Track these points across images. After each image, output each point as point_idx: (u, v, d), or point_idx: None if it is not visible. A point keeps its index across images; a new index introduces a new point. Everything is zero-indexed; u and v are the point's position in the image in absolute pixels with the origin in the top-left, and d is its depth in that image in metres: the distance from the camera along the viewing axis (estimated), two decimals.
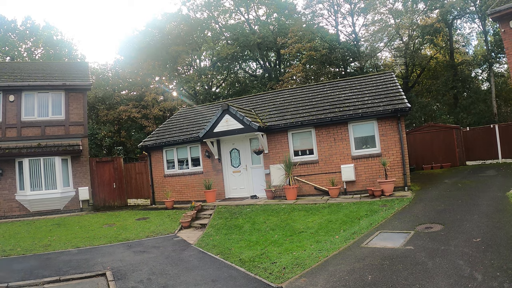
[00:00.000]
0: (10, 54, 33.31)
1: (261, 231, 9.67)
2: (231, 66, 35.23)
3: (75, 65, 22.23)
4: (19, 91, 16.24)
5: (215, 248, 8.79)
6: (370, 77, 16.70)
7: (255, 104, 17.40)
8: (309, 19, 31.54)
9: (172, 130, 17.83)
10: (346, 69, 31.51)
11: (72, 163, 16.82)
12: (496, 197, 9.78)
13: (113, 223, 13.03)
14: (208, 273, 6.89)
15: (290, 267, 6.62)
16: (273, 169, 14.05)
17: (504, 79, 30.57)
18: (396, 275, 5.38)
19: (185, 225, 11.85)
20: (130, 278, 6.96)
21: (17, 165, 15.86)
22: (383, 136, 12.84)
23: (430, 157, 19.64)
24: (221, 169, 15.50)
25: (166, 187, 16.84)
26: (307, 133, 14.01)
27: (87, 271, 7.54)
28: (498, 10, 11.49)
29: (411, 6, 28.75)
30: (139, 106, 29.68)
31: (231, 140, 15.20)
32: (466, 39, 32.21)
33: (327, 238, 8.13)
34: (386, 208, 10.04)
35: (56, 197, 16.01)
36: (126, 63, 32.99)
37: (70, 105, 17.13)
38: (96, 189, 17.89)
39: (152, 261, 8.08)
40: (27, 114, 16.42)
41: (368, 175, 12.95)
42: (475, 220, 7.67)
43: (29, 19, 35.03)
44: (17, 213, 15.60)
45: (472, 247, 6.07)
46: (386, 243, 7.06)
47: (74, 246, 9.94)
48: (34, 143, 16.04)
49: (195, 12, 35.23)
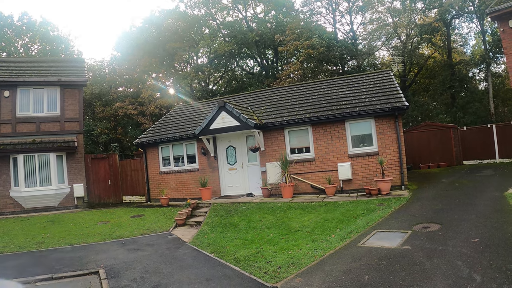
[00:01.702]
0: (7, 49, 33.01)
1: (257, 230, 9.58)
2: (228, 63, 35.13)
3: (72, 61, 21.98)
4: (14, 86, 16.04)
5: (210, 246, 8.69)
6: (368, 75, 16.62)
7: (251, 102, 17.29)
8: (307, 17, 31.49)
9: (168, 127, 17.69)
10: (343, 67, 31.47)
11: (67, 159, 16.65)
12: (494, 197, 9.73)
13: (107, 220, 12.91)
14: (202, 272, 6.79)
15: (286, 266, 6.53)
16: (269, 167, 13.95)
17: (501, 79, 30.61)
18: (393, 276, 5.30)
19: (180, 223, 11.73)
20: (123, 276, 6.86)
21: (11, 162, 15.68)
22: (380, 135, 12.77)
23: (427, 156, 19.60)
24: (217, 167, 15.39)
25: (162, 184, 16.72)
26: (304, 131, 13.92)
27: (80, 269, 7.42)
28: (498, 9, 11.43)
29: (409, 5, 28.76)
30: (135, 103, 29.54)
31: (227, 137, 15.09)
32: (464, 39, 32.29)
33: (323, 237, 8.04)
34: (383, 207, 9.97)
35: (51, 194, 15.84)
36: (123, 60, 32.82)
37: (66, 101, 16.94)
38: (91, 186, 17.73)
39: (146, 259, 7.97)
40: (22, 110, 16.21)
41: (365, 174, 12.88)
42: (473, 220, 7.60)
43: (25, 14, 34.84)
44: (11, 210, 15.44)
45: (470, 248, 6.00)
46: (383, 242, 6.98)
47: (67, 244, 9.82)
48: (29, 139, 15.86)
49: (192, 9, 35.12)
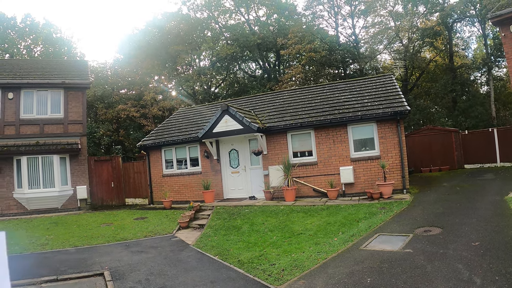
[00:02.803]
0: (9, 51, 33.20)
1: (260, 232, 9.66)
2: (230, 66, 35.23)
3: (75, 64, 22.17)
4: (18, 88, 16.18)
5: (214, 249, 8.77)
6: (370, 79, 16.71)
7: (254, 105, 17.39)
8: (309, 20, 31.60)
9: (171, 129, 17.79)
10: (345, 70, 31.57)
11: (71, 161, 16.77)
12: (494, 201, 9.79)
13: (111, 223, 13.00)
14: (206, 274, 6.87)
15: (289, 269, 6.61)
16: (272, 170, 14.04)
17: (503, 83, 30.66)
18: (395, 278, 5.38)
19: (183, 226, 11.82)
20: (128, 278, 6.94)
21: (15, 163, 15.81)
22: (382, 139, 12.85)
23: (429, 160, 19.66)
24: (219, 170, 15.48)
25: (165, 187, 16.81)
26: (306, 134, 14.00)
27: (85, 271, 7.51)
28: (499, 14, 11.53)
29: (411, 9, 28.87)
30: (138, 105, 29.64)
31: (230, 140, 15.18)
32: (465, 43, 32.34)
33: (326, 240, 8.12)
34: (385, 210, 10.05)
35: (54, 196, 15.95)
36: (126, 62, 32.95)
37: (69, 104, 17.08)
38: (94, 188, 17.83)
39: (150, 261, 8.06)
40: (26, 112, 16.36)
41: (367, 178, 12.95)
42: (473, 224, 7.68)
43: (28, 16, 34.95)
44: (14, 211, 15.54)
45: (471, 251, 6.08)
46: (385, 246, 7.06)
47: (71, 245, 9.91)
48: (32, 141, 15.99)
49: (195, 11, 35.23)
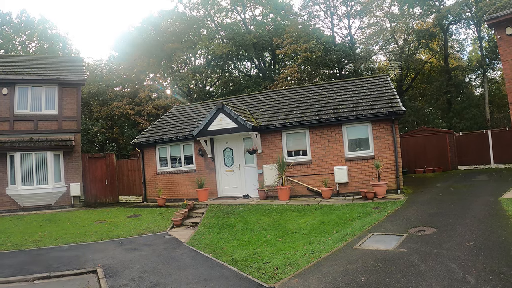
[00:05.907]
0: (4, 47, 32.96)
1: (254, 231, 9.65)
2: (225, 65, 35.22)
3: (70, 60, 21.99)
4: (12, 84, 16.02)
5: (207, 247, 8.75)
6: (365, 79, 16.75)
7: (249, 104, 17.37)
8: (305, 20, 31.60)
9: (165, 127, 17.73)
10: (341, 71, 31.64)
11: (64, 158, 16.65)
12: (488, 201, 9.85)
13: (104, 220, 12.93)
14: (200, 272, 6.85)
15: (283, 267, 6.61)
16: (266, 169, 14.04)
17: (497, 85, 30.85)
18: (389, 277, 5.39)
19: (177, 224, 11.78)
20: (121, 275, 6.90)
21: (8, 159, 15.65)
22: (377, 139, 12.88)
23: (423, 161, 19.74)
24: (214, 168, 15.45)
25: (158, 185, 16.75)
26: (301, 134, 14.01)
27: (78, 268, 7.46)
28: (495, 16, 11.60)
29: (407, 10, 28.96)
30: (132, 102, 29.54)
31: (224, 139, 15.15)
32: (461, 45, 32.52)
33: (320, 239, 8.13)
34: (379, 210, 10.07)
35: (48, 193, 15.83)
36: (121, 59, 32.80)
37: (64, 100, 16.94)
38: (88, 185, 17.71)
39: (144, 259, 8.02)
40: (20, 108, 16.20)
41: (361, 177, 12.98)
42: (467, 224, 7.71)
43: (24, 12, 34.77)
44: (7, 208, 15.40)
45: (465, 251, 6.11)
46: (379, 245, 7.08)
47: (65, 242, 9.85)
48: (26, 137, 15.85)
49: (191, 10, 35.20)
